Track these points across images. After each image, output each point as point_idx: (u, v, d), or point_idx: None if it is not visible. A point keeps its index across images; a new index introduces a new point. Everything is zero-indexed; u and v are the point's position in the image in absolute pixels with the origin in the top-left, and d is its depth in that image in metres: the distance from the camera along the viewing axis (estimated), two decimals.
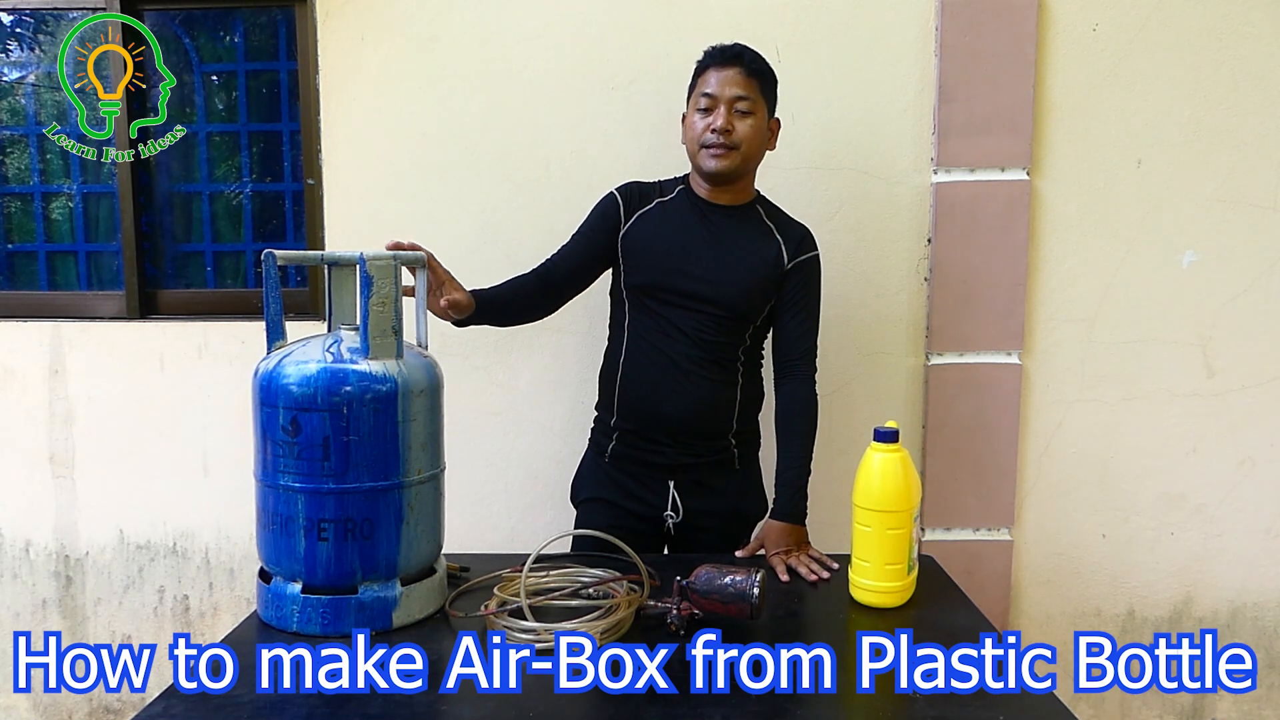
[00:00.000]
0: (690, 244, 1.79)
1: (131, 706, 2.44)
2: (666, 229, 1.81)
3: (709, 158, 1.75)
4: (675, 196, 1.85)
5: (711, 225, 1.81)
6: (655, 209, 1.84)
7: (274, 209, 2.46)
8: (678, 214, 1.83)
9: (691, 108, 1.80)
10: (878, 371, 2.29)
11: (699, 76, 1.80)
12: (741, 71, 1.75)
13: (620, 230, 1.84)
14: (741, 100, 1.75)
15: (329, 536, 1.38)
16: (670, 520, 1.83)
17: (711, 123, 1.74)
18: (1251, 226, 2.22)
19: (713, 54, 1.79)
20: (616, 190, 1.87)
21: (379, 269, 1.40)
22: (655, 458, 1.82)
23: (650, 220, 1.83)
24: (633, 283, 1.82)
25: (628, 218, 1.84)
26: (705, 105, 1.75)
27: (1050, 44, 2.18)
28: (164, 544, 2.41)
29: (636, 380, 1.81)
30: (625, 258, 1.83)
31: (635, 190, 1.87)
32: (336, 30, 2.24)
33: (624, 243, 1.83)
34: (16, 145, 2.48)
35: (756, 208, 1.86)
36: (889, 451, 1.50)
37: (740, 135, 1.74)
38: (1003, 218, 2.20)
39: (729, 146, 1.74)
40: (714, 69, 1.76)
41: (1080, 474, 2.30)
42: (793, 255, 1.82)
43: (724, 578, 1.39)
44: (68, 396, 2.37)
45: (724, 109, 1.74)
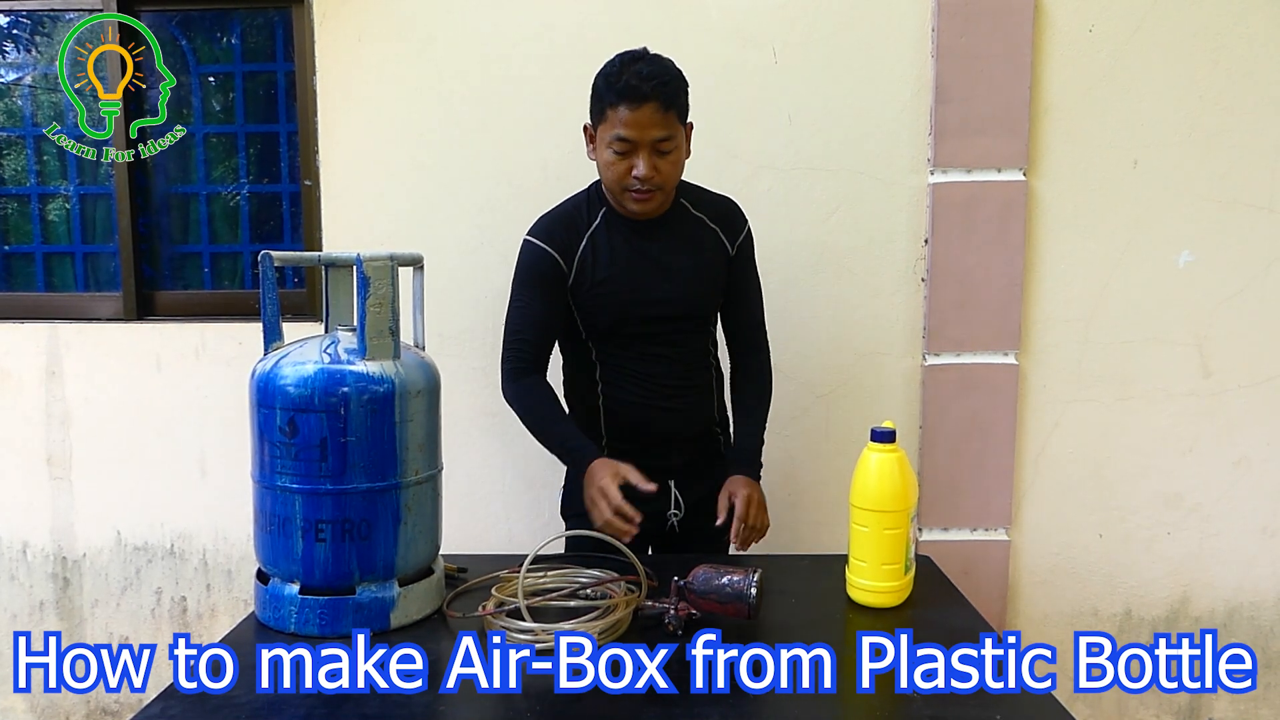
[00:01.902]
0: (639, 271, 1.72)
1: (129, 708, 2.44)
2: (610, 264, 1.72)
3: (634, 201, 1.67)
4: (600, 223, 1.74)
5: (650, 243, 1.74)
6: (588, 245, 1.73)
7: (271, 210, 2.46)
8: (613, 244, 1.73)
9: (602, 141, 1.65)
10: (874, 372, 2.29)
11: (607, 108, 1.62)
12: (658, 108, 1.59)
13: (566, 280, 1.72)
14: (663, 141, 1.62)
15: (326, 537, 1.38)
16: (674, 518, 1.83)
17: (633, 168, 1.62)
18: (1247, 226, 2.23)
19: (621, 91, 1.59)
20: (538, 241, 1.73)
21: (376, 270, 1.40)
22: (655, 462, 1.79)
23: (589, 260, 1.72)
24: (598, 327, 1.75)
25: (569, 265, 1.72)
26: (621, 149, 1.62)
27: (1046, 45, 2.18)
28: (161, 545, 2.40)
29: (624, 409, 1.78)
30: (581, 306, 1.74)
31: (558, 232, 1.73)
32: (334, 31, 2.24)
33: (574, 293, 1.73)
34: (13, 147, 2.47)
35: (681, 203, 1.78)
36: (886, 452, 1.50)
37: (665, 175, 1.64)
38: (999, 218, 2.20)
39: (654, 188, 1.65)
40: (625, 107, 1.59)
41: (1077, 474, 2.30)
42: (732, 239, 1.81)
43: (721, 578, 1.39)
44: (65, 398, 2.37)
45: (645, 154, 1.61)
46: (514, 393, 1.75)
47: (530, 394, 1.74)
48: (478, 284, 2.28)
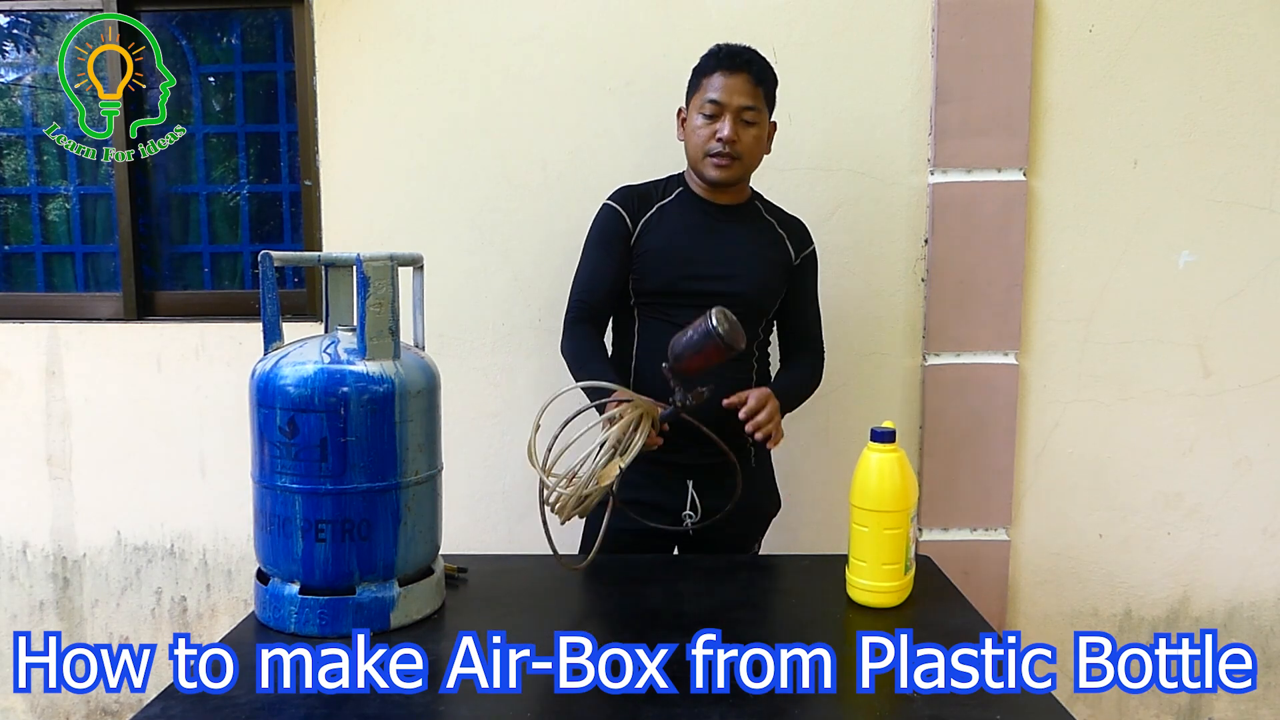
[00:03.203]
0: (698, 244, 1.79)
1: (129, 708, 2.44)
2: (672, 231, 1.80)
3: (713, 167, 1.75)
4: (674, 198, 1.84)
5: (716, 224, 1.81)
6: (656, 213, 1.83)
7: (271, 210, 2.46)
8: (681, 215, 1.82)
9: (694, 110, 1.78)
10: (875, 372, 2.29)
11: (704, 78, 1.76)
12: (750, 79, 1.73)
13: (630, 238, 1.81)
14: (748, 110, 1.73)
15: (326, 537, 1.38)
16: (689, 520, 1.81)
17: (718, 131, 1.72)
18: (1247, 227, 2.23)
19: (720, 57, 1.75)
20: (612, 201, 1.84)
21: (375, 270, 1.40)
22: (674, 458, 1.77)
23: (654, 224, 1.82)
24: (645, 289, 1.81)
25: (634, 225, 1.82)
26: (711, 112, 1.73)
27: (1046, 45, 2.19)
28: (161, 545, 2.41)
29: (652, 385, 1.77)
30: (636, 265, 1.81)
31: (632, 196, 1.84)
32: (334, 32, 2.24)
33: (635, 250, 1.81)
34: (13, 147, 2.47)
35: (755, 204, 1.88)
36: (886, 452, 1.50)
37: (745, 145, 1.74)
38: (999, 218, 2.20)
39: (733, 157, 1.74)
40: (721, 74, 1.73)
41: (1077, 474, 2.30)
42: (798, 250, 1.87)
43: (684, 334, 1.46)
44: (65, 398, 2.37)
45: (730, 118, 1.72)
46: (566, 338, 1.82)
47: (578, 340, 1.81)
48: (478, 284, 2.28)
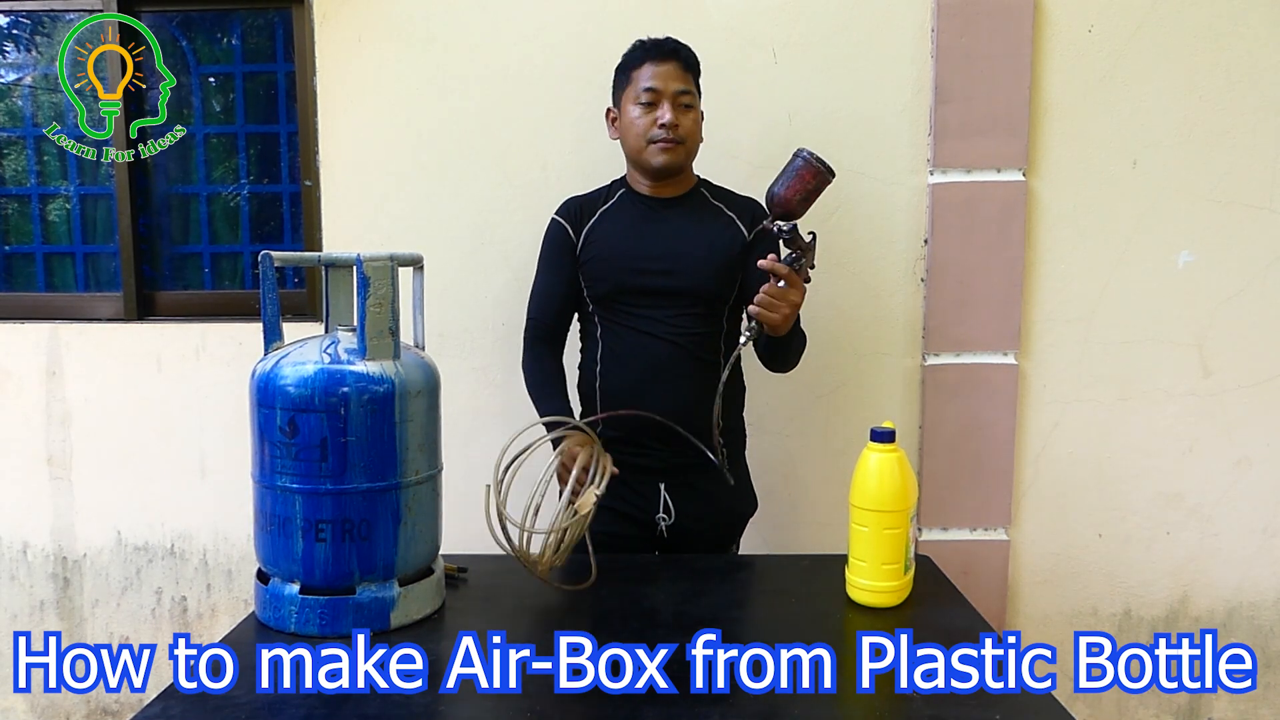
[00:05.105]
0: (643, 242, 1.79)
1: (129, 708, 2.44)
2: (614, 233, 1.82)
3: (658, 152, 1.76)
4: (616, 201, 1.86)
5: (661, 219, 1.82)
6: (599, 219, 1.84)
7: (271, 210, 2.46)
8: (624, 216, 1.84)
9: (627, 103, 1.79)
10: (874, 372, 2.29)
11: (632, 70, 1.79)
12: (679, 65, 1.77)
13: (575, 249, 1.84)
14: (683, 94, 1.77)
15: (327, 537, 1.38)
16: (663, 523, 1.82)
17: (658, 118, 1.75)
18: (1247, 227, 2.23)
19: (647, 48, 1.79)
20: (557, 215, 1.87)
21: (376, 270, 1.40)
22: (645, 461, 1.79)
23: (597, 230, 1.83)
24: (597, 294, 1.82)
25: (578, 236, 1.84)
26: (648, 99, 1.76)
27: (1046, 45, 2.19)
28: (162, 545, 2.41)
29: (617, 389, 1.79)
30: (584, 273, 1.83)
31: (575, 207, 1.87)
32: (334, 32, 2.24)
33: (580, 260, 1.83)
34: (13, 147, 2.47)
35: (700, 191, 1.88)
36: (885, 451, 1.50)
37: (686, 129, 1.77)
38: (999, 218, 2.20)
39: (677, 140, 1.75)
40: (651, 63, 1.77)
41: (1077, 474, 2.30)
42: (749, 225, 1.83)
43: (776, 178, 1.61)
44: (65, 398, 2.37)
45: (669, 103, 1.75)
46: (524, 360, 1.87)
47: (534, 363, 1.85)
48: (478, 284, 2.28)
